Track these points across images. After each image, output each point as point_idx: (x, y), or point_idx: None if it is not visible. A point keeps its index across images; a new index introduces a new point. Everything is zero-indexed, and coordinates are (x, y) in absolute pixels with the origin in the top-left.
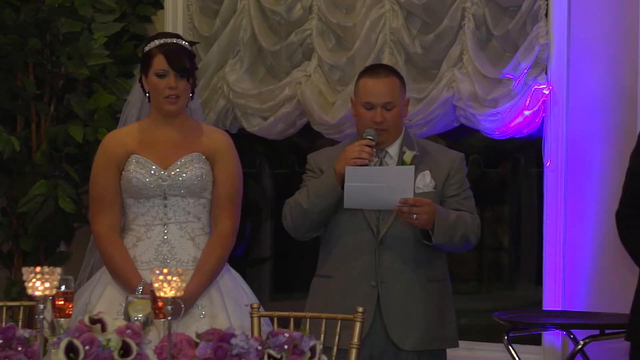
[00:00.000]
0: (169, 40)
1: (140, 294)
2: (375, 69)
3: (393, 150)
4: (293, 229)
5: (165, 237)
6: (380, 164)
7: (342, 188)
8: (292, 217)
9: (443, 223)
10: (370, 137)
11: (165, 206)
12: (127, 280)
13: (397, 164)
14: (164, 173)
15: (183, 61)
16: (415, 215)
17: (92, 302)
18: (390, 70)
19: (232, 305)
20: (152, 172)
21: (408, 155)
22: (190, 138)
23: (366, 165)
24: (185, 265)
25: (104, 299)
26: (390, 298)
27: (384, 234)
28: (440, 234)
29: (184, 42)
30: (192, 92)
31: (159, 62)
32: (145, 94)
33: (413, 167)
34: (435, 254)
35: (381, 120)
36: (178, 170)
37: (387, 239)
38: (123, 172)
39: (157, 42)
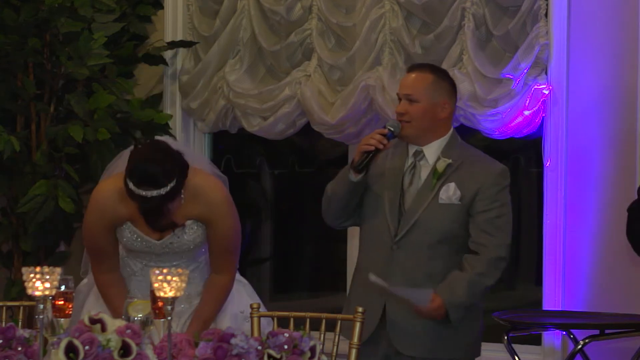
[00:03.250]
0: (147, 193)
1: None
2: (415, 65)
3: (430, 153)
4: (324, 215)
5: None
6: (414, 167)
7: (358, 174)
8: (323, 204)
9: (457, 310)
10: (390, 127)
11: (158, 255)
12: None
13: (431, 171)
14: (157, 244)
15: (160, 222)
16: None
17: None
18: (428, 67)
19: (227, 315)
20: (145, 243)
21: (441, 164)
22: (182, 205)
23: (372, 151)
24: (178, 302)
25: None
26: (396, 302)
27: (401, 237)
28: (457, 317)
29: (160, 190)
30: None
31: (137, 208)
32: None
33: (431, 291)
34: (452, 265)
35: (402, 111)
36: (171, 241)
37: (403, 242)
38: (117, 230)
39: (135, 191)
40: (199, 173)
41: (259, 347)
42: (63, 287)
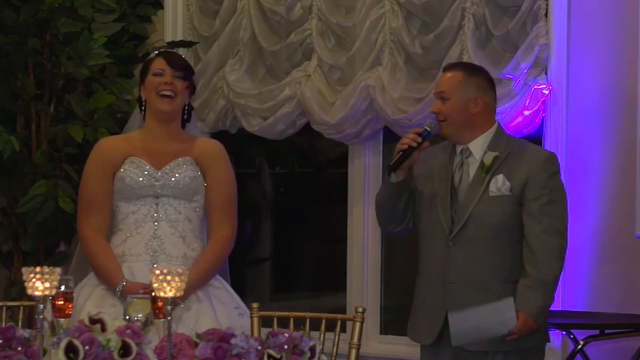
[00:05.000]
0: (167, 48)
1: (120, 293)
2: (449, 64)
3: (477, 149)
4: (378, 222)
5: (156, 232)
6: (462, 165)
7: (390, 174)
8: (375, 212)
9: (540, 316)
10: (426, 127)
11: (157, 204)
12: (109, 277)
13: (479, 165)
14: (158, 173)
15: (181, 61)
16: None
17: (79, 303)
18: (460, 65)
19: (220, 305)
20: (146, 172)
21: (488, 157)
22: (183, 145)
23: (406, 150)
24: (175, 261)
25: (93, 299)
26: (456, 299)
27: (456, 233)
28: (543, 322)
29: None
30: (189, 113)
31: (158, 63)
32: (142, 109)
33: (511, 298)
34: (514, 256)
35: (435, 110)
36: (171, 170)
37: (458, 239)
38: (117, 172)
39: (157, 51)
40: None
41: (259, 347)
42: (63, 287)
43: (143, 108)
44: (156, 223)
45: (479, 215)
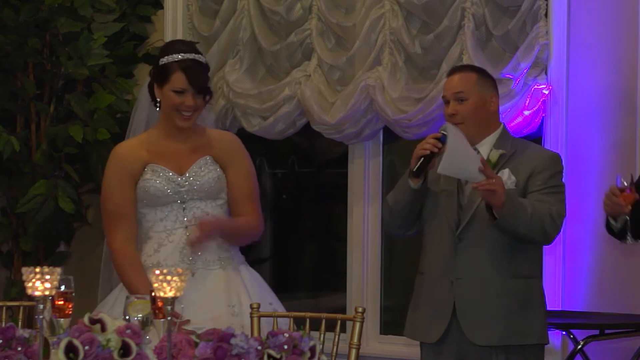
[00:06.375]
0: (188, 55)
1: None
2: (455, 67)
3: (484, 149)
4: (386, 225)
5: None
6: None
7: (417, 180)
8: (384, 215)
9: (512, 200)
10: (443, 131)
11: (184, 209)
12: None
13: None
14: (181, 179)
15: (202, 79)
16: (494, 180)
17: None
18: (469, 67)
19: (255, 285)
20: (169, 179)
21: (494, 154)
22: (200, 144)
23: (428, 155)
24: (212, 265)
25: None
26: (465, 294)
27: (462, 230)
28: (508, 210)
29: (200, 56)
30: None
31: (178, 80)
32: (155, 102)
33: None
34: (521, 251)
35: (452, 112)
36: (194, 174)
37: (465, 236)
38: (139, 182)
39: (176, 56)
40: None
41: (259, 347)
42: (63, 287)
43: (157, 103)
44: (187, 229)
45: (485, 210)
